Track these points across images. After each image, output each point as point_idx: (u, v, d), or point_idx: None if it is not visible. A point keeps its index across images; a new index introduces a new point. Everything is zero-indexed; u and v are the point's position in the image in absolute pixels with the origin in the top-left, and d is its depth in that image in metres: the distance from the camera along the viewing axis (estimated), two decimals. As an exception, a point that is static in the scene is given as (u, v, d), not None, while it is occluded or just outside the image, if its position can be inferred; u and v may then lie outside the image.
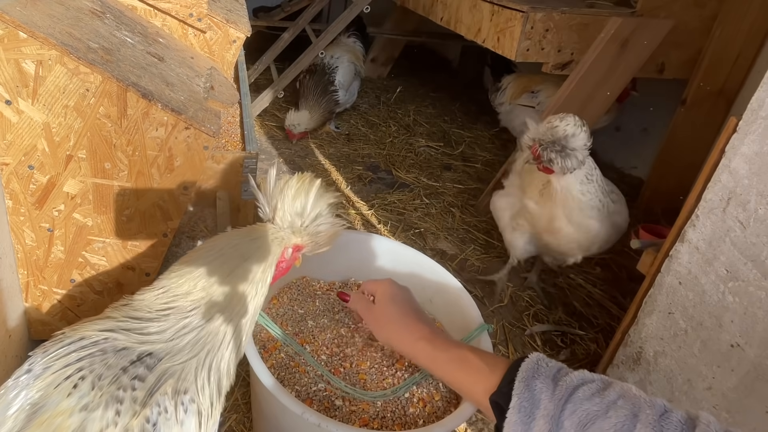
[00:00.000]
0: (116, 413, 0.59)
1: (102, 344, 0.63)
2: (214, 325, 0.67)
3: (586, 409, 0.59)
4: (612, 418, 0.57)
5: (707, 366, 1.05)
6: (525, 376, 0.64)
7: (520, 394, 0.63)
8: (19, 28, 0.80)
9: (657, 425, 0.56)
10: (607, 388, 0.62)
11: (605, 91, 1.96)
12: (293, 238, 0.76)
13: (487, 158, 2.58)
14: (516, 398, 0.63)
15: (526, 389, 0.63)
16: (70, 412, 0.58)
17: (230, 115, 1.99)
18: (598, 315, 1.64)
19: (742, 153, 0.97)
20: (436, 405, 0.86)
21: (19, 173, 0.91)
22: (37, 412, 0.58)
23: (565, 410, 0.60)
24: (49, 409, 0.58)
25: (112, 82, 0.87)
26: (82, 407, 0.59)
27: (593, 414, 0.58)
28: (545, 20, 1.91)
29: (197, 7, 1.25)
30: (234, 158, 1.57)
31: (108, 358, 0.62)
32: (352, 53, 2.72)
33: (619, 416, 0.57)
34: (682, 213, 1.11)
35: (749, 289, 0.97)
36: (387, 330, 0.83)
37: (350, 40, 2.85)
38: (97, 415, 0.59)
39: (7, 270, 0.96)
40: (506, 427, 0.62)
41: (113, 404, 0.60)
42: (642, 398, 0.60)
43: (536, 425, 0.60)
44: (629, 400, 0.59)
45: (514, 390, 0.63)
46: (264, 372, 0.79)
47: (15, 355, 1.02)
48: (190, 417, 0.63)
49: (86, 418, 0.58)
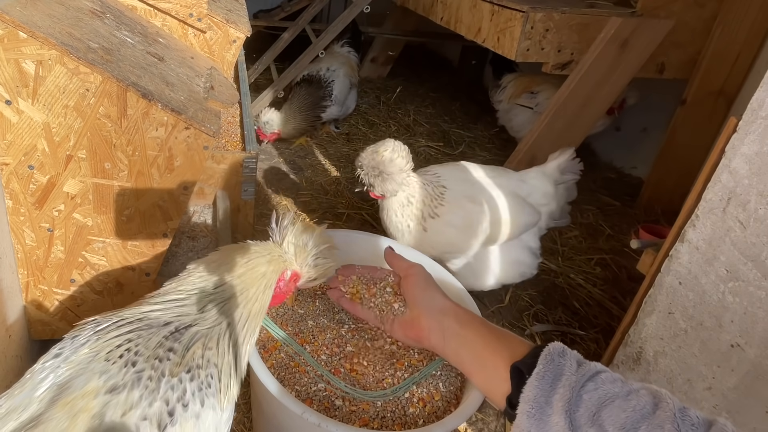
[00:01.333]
0: (140, 398, 0.60)
1: (145, 320, 0.68)
2: (233, 303, 0.74)
3: (608, 389, 0.60)
4: (633, 401, 0.59)
5: (707, 366, 1.05)
6: (551, 352, 0.65)
7: (546, 364, 0.64)
8: (19, 28, 0.80)
9: (676, 416, 0.57)
10: (629, 380, 0.63)
11: (605, 91, 1.96)
12: (294, 264, 0.85)
13: (487, 158, 2.58)
14: (541, 366, 0.64)
15: (550, 362, 0.64)
16: (95, 393, 0.59)
17: (230, 115, 1.99)
18: (598, 315, 1.64)
19: (742, 153, 0.97)
20: (436, 405, 0.86)
21: (19, 173, 0.91)
22: (63, 392, 0.59)
23: (587, 386, 0.61)
24: (75, 389, 0.59)
25: (112, 82, 0.87)
26: (108, 389, 0.60)
27: (613, 394, 0.60)
28: (545, 20, 1.91)
29: (197, 7, 1.25)
30: (234, 158, 1.57)
31: (152, 332, 0.66)
32: (347, 65, 2.65)
33: (639, 401, 0.59)
34: (682, 213, 1.11)
35: (749, 289, 0.97)
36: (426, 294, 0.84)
37: (344, 50, 2.77)
38: (121, 399, 0.59)
39: (7, 270, 0.96)
40: (525, 390, 0.63)
41: (140, 384, 0.61)
42: (663, 392, 0.61)
43: (557, 393, 0.61)
44: (651, 391, 0.60)
45: (540, 359, 0.64)
46: (264, 372, 0.79)
47: (15, 355, 1.02)
48: (207, 410, 0.65)
49: (109, 401, 0.59)
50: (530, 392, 0.63)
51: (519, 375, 0.66)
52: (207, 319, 0.71)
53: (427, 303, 0.83)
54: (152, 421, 0.59)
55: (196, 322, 0.70)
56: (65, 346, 0.65)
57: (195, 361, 0.66)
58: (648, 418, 0.57)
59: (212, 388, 0.66)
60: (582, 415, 0.59)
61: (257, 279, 0.78)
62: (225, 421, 0.69)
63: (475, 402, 0.84)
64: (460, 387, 0.91)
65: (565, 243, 1.98)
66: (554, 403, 0.61)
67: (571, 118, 1.97)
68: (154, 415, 0.60)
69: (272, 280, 0.81)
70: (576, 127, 2.01)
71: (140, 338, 0.65)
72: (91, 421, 0.57)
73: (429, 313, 0.82)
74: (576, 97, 1.92)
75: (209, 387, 0.66)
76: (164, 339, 0.66)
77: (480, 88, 3.44)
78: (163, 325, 0.68)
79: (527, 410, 0.62)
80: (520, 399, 0.63)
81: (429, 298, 0.84)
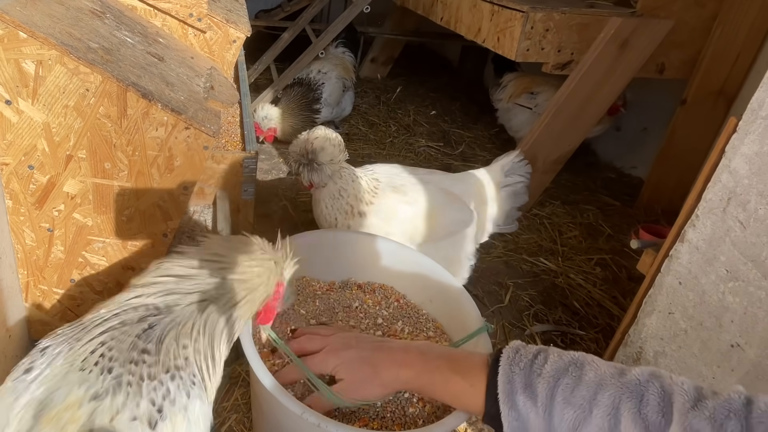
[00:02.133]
0: (124, 402, 0.59)
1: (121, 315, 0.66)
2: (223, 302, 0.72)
3: (571, 415, 0.62)
4: (597, 417, 0.60)
5: (707, 366, 1.05)
6: (505, 390, 0.66)
7: (507, 416, 0.66)
8: (19, 28, 0.80)
9: (637, 413, 0.58)
10: (582, 376, 0.64)
11: (605, 91, 1.96)
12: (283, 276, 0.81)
13: (487, 158, 2.58)
14: (506, 423, 0.65)
15: (512, 409, 0.66)
16: (79, 403, 0.58)
17: (230, 115, 1.99)
18: (598, 315, 1.64)
19: (742, 153, 0.97)
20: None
21: (19, 173, 0.91)
22: (45, 408, 0.58)
23: (554, 417, 0.63)
24: (57, 403, 0.58)
25: (112, 82, 0.87)
26: (91, 397, 0.59)
27: (580, 418, 0.62)
28: (545, 20, 1.91)
29: (197, 7, 1.25)
30: (234, 158, 1.57)
31: (125, 331, 0.65)
32: (341, 67, 2.61)
33: (600, 413, 0.61)
34: (681, 213, 1.11)
35: (749, 289, 0.97)
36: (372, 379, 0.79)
37: (338, 51, 2.73)
38: (106, 405, 0.59)
39: (6, 270, 0.96)
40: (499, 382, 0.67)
41: (121, 389, 0.60)
42: (617, 383, 0.62)
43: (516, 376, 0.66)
44: (607, 390, 0.62)
45: (502, 415, 0.66)
46: (264, 372, 0.79)
47: (15, 355, 1.02)
48: (194, 400, 0.65)
49: (96, 408, 0.58)
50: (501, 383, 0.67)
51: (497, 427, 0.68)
52: (184, 314, 0.68)
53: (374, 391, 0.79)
54: (142, 420, 0.59)
55: (173, 316, 0.67)
56: (35, 360, 0.63)
57: (172, 362, 0.64)
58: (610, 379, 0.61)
59: (196, 385, 0.66)
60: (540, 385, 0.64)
61: (257, 286, 0.75)
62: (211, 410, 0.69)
63: (475, 402, 0.83)
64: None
65: (565, 243, 1.98)
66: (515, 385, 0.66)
67: (570, 118, 1.97)
68: (144, 415, 0.59)
69: (271, 290, 0.78)
70: (576, 127, 2.01)
71: (113, 340, 0.63)
72: (81, 430, 0.57)
73: (384, 391, 0.80)
74: (576, 97, 1.92)
75: (193, 384, 0.65)
76: (137, 338, 0.64)
77: (480, 88, 3.44)
78: (137, 322, 0.66)
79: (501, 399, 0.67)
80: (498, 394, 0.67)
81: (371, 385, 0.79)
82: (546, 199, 2.23)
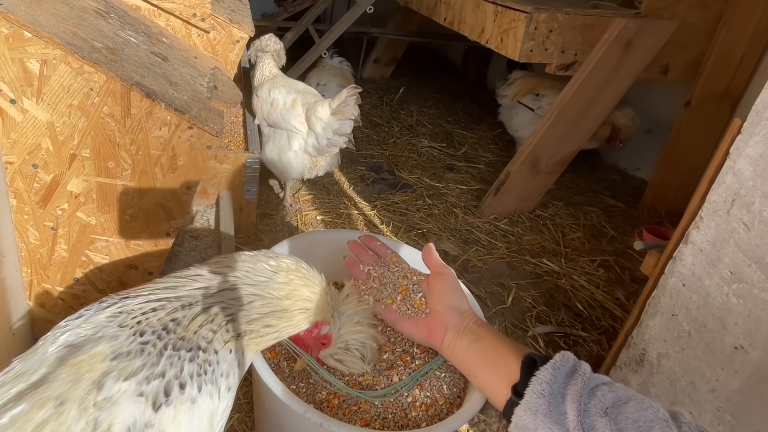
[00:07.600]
0: (141, 367, 0.60)
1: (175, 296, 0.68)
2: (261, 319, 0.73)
3: (623, 394, 0.61)
4: (647, 405, 0.59)
5: (711, 368, 1.05)
6: (567, 354, 0.66)
7: (562, 358, 0.65)
8: (24, 27, 0.81)
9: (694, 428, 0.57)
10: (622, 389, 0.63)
11: (609, 92, 1.96)
12: (333, 329, 0.83)
13: (490, 159, 2.58)
14: (558, 358, 0.65)
15: (566, 360, 0.65)
16: (102, 357, 0.59)
17: (233, 115, 2.00)
18: (600, 317, 1.64)
19: (747, 154, 0.97)
20: (439, 407, 0.86)
21: (23, 172, 0.91)
22: (72, 353, 0.59)
23: (601, 387, 0.62)
24: (84, 352, 0.59)
25: (116, 82, 0.87)
26: (113, 355, 0.60)
27: (628, 397, 0.61)
28: (549, 21, 1.90)
29: (201, 7, 1.26)
30: (237, 158, 1.58)
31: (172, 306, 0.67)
32: (341, 76, 2.61)
33: (654, 407, 0.59)
34: (685, 215, 1.10)
35: (753, 291, 0.96)
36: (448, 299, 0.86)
37: (335, 61, 2.74)
38: (122, 366, 0.59)
39: (10, 268, 0.96)
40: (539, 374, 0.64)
41: (142, 354, 0.61)
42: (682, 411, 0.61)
43: (570, 385, 0.63)
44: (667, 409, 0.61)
45: (557, 355, 0.66)
46: (266, 371, 0.79)
47: (18, 354, 1.02)
48: (203, 396, 0.64)
49: (110, 369, 0.59)
50: (544, 375, 0.64)
51: (531, 366, 0.67)
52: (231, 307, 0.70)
53: (452, 303, 0.85)
54: (148, 398, 0.59)
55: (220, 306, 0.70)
56: (91, 308, 0.66)
57: (196, 341, 0.65)
58: (663, 422, 0.57)
59: (209, 375, 0.65)
60: (594, 407, 0.60)
61: (296, 312, 0.76)
62: (221, 413, 0.68)
63: (477, 403, 0.83)
64: (463, 388, 0.91)
65: (568, 244, 1.98)
66: (567, 393, 0.62)
67: (574, 119, 1.96)
68: (150, 393, 0.59)
69: (310, 322, 0.78)
70: (579, 127, 2.01)
71: (163, 310, 0.66)
72: (90, 387, 0.57)
73: (452, 312, 0.84)
74: (580, 97, 1.92)
75: (206, 374, 0.65)
76: (180, 309, 0.67)
77: (483, 89, 3.44)
78: (187, 305, 0.68)
79: (539, 390, 0.63)
80: (532, 381, 0.64)
81: (457, 299, 0.86)
82: (549, 201, 2.23)
